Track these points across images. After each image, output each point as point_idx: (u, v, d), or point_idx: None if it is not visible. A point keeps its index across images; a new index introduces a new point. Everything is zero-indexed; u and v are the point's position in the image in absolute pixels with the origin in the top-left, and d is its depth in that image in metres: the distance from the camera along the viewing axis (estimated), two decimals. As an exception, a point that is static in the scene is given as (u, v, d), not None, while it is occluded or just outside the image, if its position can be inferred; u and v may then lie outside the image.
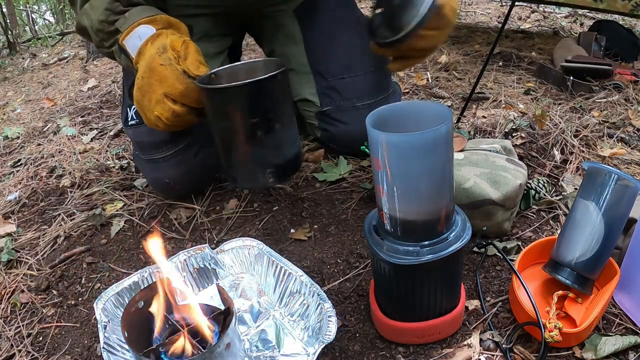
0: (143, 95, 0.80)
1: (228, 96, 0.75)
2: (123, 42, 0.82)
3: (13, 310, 0.84)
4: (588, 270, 0.69)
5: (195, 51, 0.82)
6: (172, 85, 0.77)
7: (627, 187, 0.68)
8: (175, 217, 1.01)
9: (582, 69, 1.55)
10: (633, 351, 0.65)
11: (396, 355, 0.67)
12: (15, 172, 1.36)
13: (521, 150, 1.12)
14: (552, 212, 0.93)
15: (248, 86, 0.74)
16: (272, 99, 0.77)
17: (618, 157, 1.13)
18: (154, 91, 0.78)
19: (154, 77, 0.78)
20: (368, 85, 1.10)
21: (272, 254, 0.77)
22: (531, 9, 2.95)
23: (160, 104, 0.78)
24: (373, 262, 0.68)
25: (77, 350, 0.75)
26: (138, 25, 0.82)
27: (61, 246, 0.98)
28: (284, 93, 0.79)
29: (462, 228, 0.62)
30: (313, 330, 0.68)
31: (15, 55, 3.55)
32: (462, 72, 1.77)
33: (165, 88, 0.77)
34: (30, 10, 6.42)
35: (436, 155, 0.55)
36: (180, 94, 0.77)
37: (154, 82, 0.78)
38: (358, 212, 0.98)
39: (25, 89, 2.38)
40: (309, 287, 0.70)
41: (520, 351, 0.66)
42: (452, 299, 0.67)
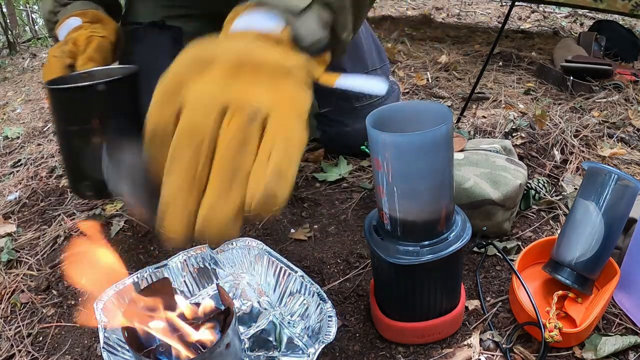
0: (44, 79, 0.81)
1: (53, 98, 0.72)
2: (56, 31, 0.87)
3: (13, 310, 0.84)
4: (588, 270, 0.69)
5: (94, 48, 0.82)
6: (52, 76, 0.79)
7: (627, 187, 0.68)
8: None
9: (582, 69, 1.55)
10: (633, 351, 0.65)
11: (396, 355, 0.67)
12: (15, 172, 1.36)
13: (521, 150, 1.12)
14: (552, 212, 0.93)
15: (67, 91, 0.70)
16: (92, 108, 0.71)
17: (618, 157, 1.13)
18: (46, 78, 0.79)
19: (46, 68, 0.79)
20: None
21: (272, 254, 0.77)
22: (531, 9, 2.95)
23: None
24: (373, 262, 0.68)
25: (77, 350, 0.74)
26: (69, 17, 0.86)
27: (61, 246, 0.98)
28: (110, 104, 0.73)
29: (462, 228, 0.62)
30: (313, 330, 0.68)
31: (15, 55, 3.55)
32: (462, 72, 1.77)
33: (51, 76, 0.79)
34: (30, 10, 6.42)
35: (436, 155, 0.55)
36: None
37: (46, 72, 0.79)
38: (358, 212, 0.98)
39: (25, 89, 2.38)
40: (309, 287, 0.70)
41: (520, 351, 0.66)
42: (452, 299, 0.67)
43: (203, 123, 0.40)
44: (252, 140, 0.40)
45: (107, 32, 0.88)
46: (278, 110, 0.42)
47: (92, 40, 0.83)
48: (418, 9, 3.16)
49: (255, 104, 0.41)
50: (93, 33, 0.85)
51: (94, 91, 0.70)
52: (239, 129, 0.40)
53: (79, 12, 0.87)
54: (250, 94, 0.42)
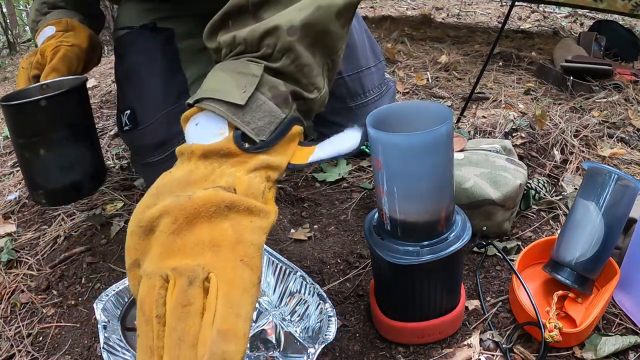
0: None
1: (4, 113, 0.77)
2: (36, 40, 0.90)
3: (13, 310, 0.84)
4: (588, 270, 0.69)
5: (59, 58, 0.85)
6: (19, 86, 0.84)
7: (627, 187, 0.68)
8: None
9: (582, 69, 1.55)
10: (633, 351, 0.65)
11: (396, 355, 0.67)
12: (15, 172, 1.36)
13: (521, 150, 1.12)
14: (552, 212, 0.93)
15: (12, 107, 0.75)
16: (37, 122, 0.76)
17: (618, 157, 1.13)
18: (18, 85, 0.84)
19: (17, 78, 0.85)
20: (360, 85, 1.10)
21: (272, 254, 0.77)
22: (531, 9, 2.95)
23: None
24: (373, 262, 0.68)
25: (77, 350, 0.74)
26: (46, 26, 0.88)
27: (61, 246, 0.98)
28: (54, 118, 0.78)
29: (462, 228, 0.62)
30: (313, 330, 0.68)
31: (15, 55, 3.55)
32: (462, 72, 1.77)
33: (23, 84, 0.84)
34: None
35: (436, 156, 0.55)
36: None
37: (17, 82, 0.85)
38: (358, 212, 0.98)
39: (25, 89, 2.38)
40: (309, 287, 0.70)
41: (520, 351, 0.66)
42: (452, 299, 0.67)
43: (148, 297, 0.39)
44: (194, 303, 0.38)
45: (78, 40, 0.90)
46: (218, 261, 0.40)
47: (58, 50, 0.85)
48: (418, 9, 3.16)
49: (193, 264, 0.39)
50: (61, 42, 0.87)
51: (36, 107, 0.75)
52: (179, 293, 0.38)
53: (54, 20, 0.89)
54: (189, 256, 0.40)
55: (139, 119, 0.97)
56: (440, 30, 2.42)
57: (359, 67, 1.10)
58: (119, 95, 1.04)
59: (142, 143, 0.98)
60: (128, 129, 0.99)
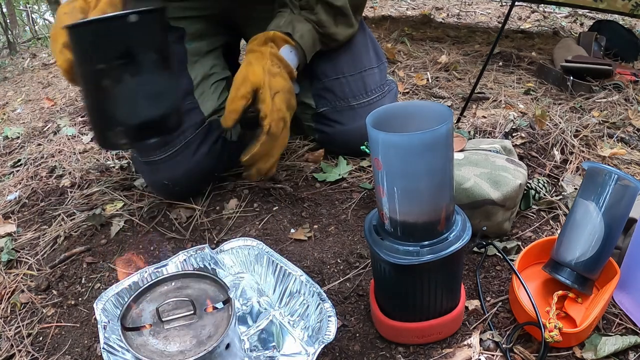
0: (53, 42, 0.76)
1: (74, 36, 0.65)
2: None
3: (13, 310, 0.84)
4: (588, 270, 0.69)
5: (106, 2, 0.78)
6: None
7: (627, 187, 0.68)
8: (175, 217, 1.01)
9: (582, 69, 1.55)
10: (633, 351, 0.65)
11: (396, 355, 0.67)
12: (15, 172, 1.37)
13: (521, 150, 1.12)
14: (552, 212, 0.93)
15: (90, 25, 0.64)
16: (125, 42, 0.65)
17: (618, 157, 1.13)
18: (56, 40, 0.74)
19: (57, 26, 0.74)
20: (363, 85, 1.10)
21: (272, 254, 0.77)
22: (531, 9, 2.95)
23: (60, 54, 0.74)
24: (373, 262, 0.68)
25: (77, 350, 0.75)
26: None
27: (61, 246, 0.98)
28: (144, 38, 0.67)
29: (462, 228, 0.62)
30: (313, 330, 0.68)
31: (15, 55, 3.55)
32: (462, 72, 1.77)
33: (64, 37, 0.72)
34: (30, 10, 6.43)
35: (436, 155, 0.55)
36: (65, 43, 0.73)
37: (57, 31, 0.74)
38: (358, 212, 0.98)
39: (25, 89, 2.38)
40: (309, 287, 0.70)
41: (520, 351, 0.66)
42: (452, 299, 0.67)
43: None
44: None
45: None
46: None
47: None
48: (418, 9, 3.16)
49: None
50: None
51: (125, 23, 0.64)
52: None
53: None
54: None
55: None
56: (440, 30, 2.42)
57: (362, 67, 1.11)
58: None
59: None
60: None
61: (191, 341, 0.58)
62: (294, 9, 1.02)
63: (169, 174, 0.99)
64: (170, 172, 0.99)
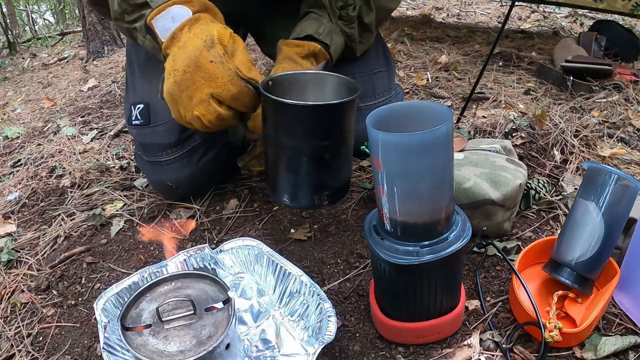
0: (182, 91, 0.72)
1: (303, 114, 0.70)
2: (151, 21, 0.73)
3: (13, 310, 0.84)
4: (588, 270, 0.69)
5: (244, 48, 0.75)
6: (223, 87, 0.70)
7: (627, 187, 0.68)
8: (175, 217, 1.01)
9: (582, 69, 1.55)
10: (633, 351, 0.65)
11: (396, 355, 0.67)
12: (15, 172, 1.37)
13: (521, 150, 1.12)
14: (552, 212, 0.93)
15: (329, 108, 0.70)
16: (345, 122, 0.73)
17: (618, 157, 1.13)
18: (199, 89, 0.70)
19: (200, 74, 0.70)
20: (371, 87, 1.10)
21: (272, 254, 0.77)
22: (531, 9, 2.95)
23: (204, 104, 0.71)
24: (373, 262, 0.68)
25: (77, 350, 0.75)
26: (172, 4, 0.73)
27: (61, 246, 0.98)
28: (353, 116, 0.76)
29: (462, 228, 0.62)
30: (313, 330, 0.68)
31: (15, 55, 3.55)
32: (462, 72, 1.77)
33: (214, 88, 0.70)
34: (30, 10, 6.43)
35: (436, 155, 0.55)
36: (232, 97, 0.71)
37: (199, 79, 0.70)
38: (358, 212, 0.98)
39: (25, 89, 2.38)
40: (309, 287, 0.70)
41: (520, 351, 0.66)
42: (452, 299, 0.67)
43: None
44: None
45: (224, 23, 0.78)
46: None
47: (235, 39, 0.74)
48: (418, 9, 3.16)
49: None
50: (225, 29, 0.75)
51: (348, 106, 0.72)
52: None
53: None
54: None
55: (153, 116, 0.96)
56: (440, 30, 2.42)
57: (372, 69, 1.11)
58: (131, 85, 1.02)
59: (153, 140, 0.98)
60: (139, 123, 0.98)
61: (191, 341, 0.58)
62: (332, 16, 0.98)
63: (173, 175, 0.99)
64: (175, 174, 0.99)
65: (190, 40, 0.72)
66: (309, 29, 0.95)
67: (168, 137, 0.96)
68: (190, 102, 0.73)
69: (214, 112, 0.72)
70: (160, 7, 0.73)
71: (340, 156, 0.77)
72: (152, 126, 0.96)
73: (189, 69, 0.70)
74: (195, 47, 0.70)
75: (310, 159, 0.74)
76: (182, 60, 0.71)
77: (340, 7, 0.98)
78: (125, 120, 1.05)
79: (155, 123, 0.96)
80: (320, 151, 0.73)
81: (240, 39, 0.76)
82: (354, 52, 1.05)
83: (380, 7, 1.04)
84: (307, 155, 0.74)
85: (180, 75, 0.71)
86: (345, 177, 0.82)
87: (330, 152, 0.74)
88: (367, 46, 1.08)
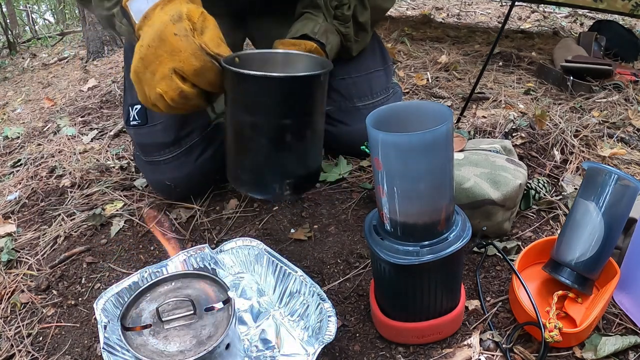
0: (146, 67, 0.68)
1: (264, 87, 0.63)
2: (127, 3, 0.70)
3: (13, 310, 0.84)
4: (588, 270, 0.69)
5: (215, 26, 0.71)
6: (185, 60, 0.66)
7: (627, 187, 0.68)
8: (175, 217, 1.01)
9: (582, 69, 1.55)
10: (633, 351, 0.65)
11: (396, 355, 0.67)
12: (15, 172, 1.37)
13: (521, 150, 1.12)
14: (552, 212, 0.93)
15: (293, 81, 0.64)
16: (311, 100, 0.66)
17: (618, 157, 1.13)
18: (162, 63, 0.67)
19: (163, 48, 0.66)
20: (369, 86, 1.10)
21: (272, 254, 0.77)
22: (531, 9, 2.95)
23: (166, 79, 0.67)
24: (373, 262, 0.68)
25: (77, 350, 0.75)
26: None
27: (61, 246, 0.98)
28: (322, 97, 0.69)
29: (462, 228, 0.62)
30: (313, 330, 0.68)
31: (15, 55, 3.55)
32: (462, 72, 1.77)
33: (177, 62, 0.66)
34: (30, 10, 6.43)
35: (436, 155, 0.55)
36: (195, 71, 0.67)
37: (162, 53, 0.66)
38: (358, 212, 0.98)
39: (25, 89, 2.38)
40: (309, 287, 0.70)
41: (520, 351, 0.66)
42: (452, 299, 0.67)
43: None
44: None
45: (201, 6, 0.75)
46: None
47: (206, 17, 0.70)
48: (418, 9, 3.16)
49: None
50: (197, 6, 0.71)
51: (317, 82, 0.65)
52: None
53: None
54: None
55: (150, 116, 0.96)
56: (440, 30, 2.42)
57: (369, 68, 1.11)
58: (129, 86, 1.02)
59: (150, 140, 0.98)
60: (136, 124, 0.98)
61: (191, 341, 0.58)
62: (328, 16, 0.98)
63: (172, 174, 0.99)
64: (174, 173, 0.99)
65: (158, 16, 0.69)
66: (305, 28, 0.95)
67: (165, 136, 0.96)
68: (153, 79, 0.69)
69: (177, 89, 0.68)
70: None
71: (305, 139, 0.68)
72: (150, 126, 0.97)
73: (154, 43, 0.67)
74: (161, 21, 0.67)
75: (269, 140, 0.67)
76: (148, 35, 0.68)
77: (335, 7, 0.98)
78: (124, 122, 1.06)
79: (152, 122, 0.96)
80: (280, 131, 0.66)
81: (212, 18, 0.71)
82: (350, 52, 1.05)
83: (375, 7, 1.04)
84: (265, 135, 0.66)
85: (145, 50, 0.68)
86: (312, 165, 0.73)
87: (293, 132, 0.66)
88: (364, 45, 1.08)
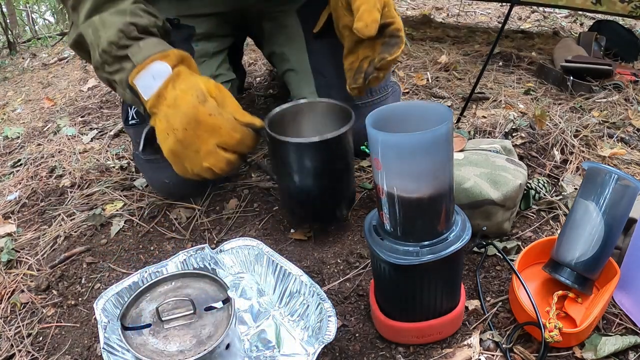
0: (186, 148, 0.76)
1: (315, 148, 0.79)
2: (133, 81, 0.76)
3: (13, 310, 0.84)
4: (588, 270, 0.69)
5: (229, 95, 0.79)
6: (227, 135, 0.75)
7: (627, 187, 0.68)
8: (175, 217, 1.01)
9: (582, 69, 1.55)
10: (633, 351, 0.65)
11: (396, 355, 0.67)
12: (15, 172, 1.36)
13: (521, 150, 1.12)
14: (552, 212, 0.93)
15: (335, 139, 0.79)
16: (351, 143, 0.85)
17: (618, 157, 1.13)
18: (204, 142, 0.75)
19: (203, 128, 0.74)
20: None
21: (272, 254, 0.77)
22: (531, 9, 2.95)
23: (212, 154, 0.76)
24: (373, 262, 0.68)
25: (77, 350, 0.75)
26: (151, 61, 0.75)
27: (61, 246, 0.98)
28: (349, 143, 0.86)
29: (462, 228, 0.62)
30: (313, 330, 0.68)
31: (15, 55, 3.55)
32: (462, 72, 1.77)
33: (218, 138, 0.75)
34: (30, 10, 6.43)
35: (436, 156, 0.55)
36: (237, 143, 0.77)
37: (202, 133, 0.74)
38: (358, 212, 0.98)
39: (25, 89, 2.38)
40: (309, 287, 0.70)
41: (520, 351, 0.66)
42: (452, 299, 0.67)
43: None
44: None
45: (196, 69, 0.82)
46: None
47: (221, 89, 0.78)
48: (418, 9, 3.16)
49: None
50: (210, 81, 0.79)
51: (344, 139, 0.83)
52: None
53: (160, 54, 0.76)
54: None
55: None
56: (440, 30, 2.42)
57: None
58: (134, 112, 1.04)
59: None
60: (135, 122, 0.99)
61: (191, 341, 0.59)
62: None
63: (170, 173, 0.99)
64: (171, 172, 0.99)
65: (180, 97, 0.75)
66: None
67: None
68: (198, 156, 0.76)
69: (223, 160, 0.77)
70: (140, 65, 0.75)
71: (350, 170, 0.89)
72: (147, 125, 0.97)
73: (190, 125, 0.74)
74: (188, 104, 0.74)
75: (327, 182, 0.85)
76: (178, 118, 0.74)
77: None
78: (122, 121, 1.06)
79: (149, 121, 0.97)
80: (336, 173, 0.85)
81: (223, 87, 0.79)
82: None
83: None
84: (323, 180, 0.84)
85: (182, 134, 0.75)
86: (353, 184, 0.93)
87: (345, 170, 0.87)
88: None
